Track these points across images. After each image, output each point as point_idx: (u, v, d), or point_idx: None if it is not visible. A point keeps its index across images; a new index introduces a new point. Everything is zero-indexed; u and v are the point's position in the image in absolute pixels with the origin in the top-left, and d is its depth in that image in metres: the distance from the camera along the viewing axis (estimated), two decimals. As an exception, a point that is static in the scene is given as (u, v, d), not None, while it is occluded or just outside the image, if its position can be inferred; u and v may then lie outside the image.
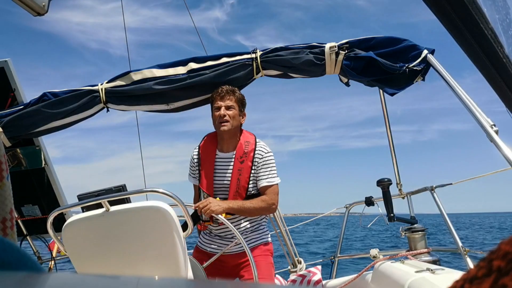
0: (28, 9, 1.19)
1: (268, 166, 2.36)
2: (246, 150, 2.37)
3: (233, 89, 2.41)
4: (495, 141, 1.85)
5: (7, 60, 2.97)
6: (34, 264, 0.31)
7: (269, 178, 2.35)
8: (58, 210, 1.98)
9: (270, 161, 2.37)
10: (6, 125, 2.63)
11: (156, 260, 1.91)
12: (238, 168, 2.35)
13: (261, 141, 2.44)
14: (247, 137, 2.42)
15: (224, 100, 2.36)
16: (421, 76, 2.31)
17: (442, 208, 2.95)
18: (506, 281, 0.19)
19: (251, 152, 2.36)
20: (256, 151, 2.37)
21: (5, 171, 0.51)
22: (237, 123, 2.36)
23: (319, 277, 2.96)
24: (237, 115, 2.36)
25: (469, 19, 0.75)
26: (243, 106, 2.42)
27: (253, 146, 2.37)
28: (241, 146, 2.38)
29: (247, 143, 2.39)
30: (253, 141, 2.40)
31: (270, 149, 2.42)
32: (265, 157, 2.35)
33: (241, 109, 2.39)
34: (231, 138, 2.39)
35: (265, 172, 2.35)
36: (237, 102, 2.37)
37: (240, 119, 2.40)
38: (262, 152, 2.36)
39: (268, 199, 2.32)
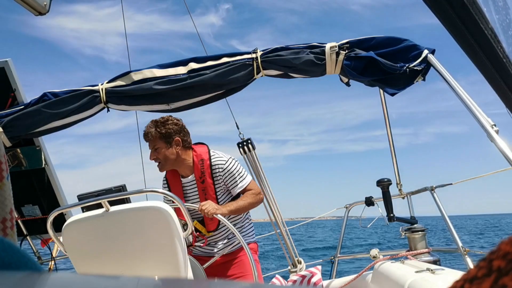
0: (29, 8, 1.19)
1: (233, 174, 2.38)
2: (202, 170, 2.38)
3: (149, 130, 2.39)
4: (495, 141, 1.85)
5: (8, 60, 2.97)
6: (34, 264, 0.31)
7: (240, 183, 2.39)
8: (58, 210, 1.99)
9: (233, 169, 2.39)
10: (6, 125, 2.63)
11: (156, 260, 1.91)
12: (202, 189, 2.39)
13: (216, 151, 2.44)
14: (199, 155, 2.42)
15: (149, 144, 2.40)
16: (422, 76, 2.31)
17: (442, 208, 2.95)
18: (506, 281, 0.19)
19: (208, 169, 2.38)
20: (213, 166, 2.37)
21: (5, 171, 0.51)
22: (171, 156, 2.37)
23: (319, 277, 2.95)
24: (166, 150, 2.36)
25: (469, 19, 0.75)
26: (169, 136, 2.38)
27: (208, 162, 2.38)
28: (197, 166, 2.40)
29: (202, 161, 2.39)
30: (207, 156, 2.40)
31: (227, 156, 2.43)
32: (226, 169, 2.37)
33: (167, 141, 2.37)
34: (178, 165, 2.41)
35: (234, 180, 2.38)
36: (159, 140, 2.36)
37: (173, 149, 2.38)
38: (220, 165, 2.38)
39: (254, 191, 2.40)
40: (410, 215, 3.30)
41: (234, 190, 2.40)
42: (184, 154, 2.42)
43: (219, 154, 2.44)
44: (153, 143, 2.38)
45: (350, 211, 3.77)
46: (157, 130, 2.37)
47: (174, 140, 2.38)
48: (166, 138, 2.37)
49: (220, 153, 2.46)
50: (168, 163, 2.39)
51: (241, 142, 2.93)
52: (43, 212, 3.34)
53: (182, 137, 2.42)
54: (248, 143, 2.92)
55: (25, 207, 3.35)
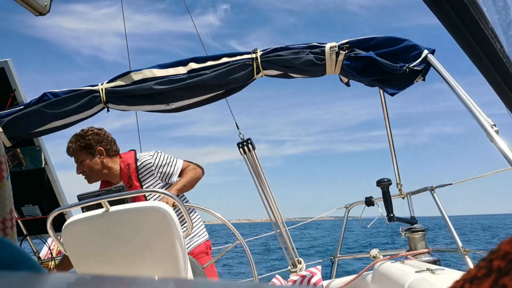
0: (30, 8, 1.19)
1: (164, 165, 2.39)
2: (129, 174, 2.40)
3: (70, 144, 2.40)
4: (495, 141, 1.85)
5: (7, 60, 2.97)
6: (34, 264, 0.31)
7: (174, 169, 2.40)
8: (58, 210, 1.98)
9: (161, 161, 2.40)
10: (6, 125, 2.62)
11: (156, 260, 1.91)
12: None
13: (142, 153, 2.46)
14: (125, 160, 2.44)
15: (74, 158, 2.40)
16: (422, 76, 2.31)
17: (442, 208, 2.95)
18: (506, 281, 0.19)
19: (134, 173, 2.39)
20: (139, 167, 2.38)
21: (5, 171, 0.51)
22: (97, 167, 2.38)
23: (319, 277, 2.95)
24: (89, 162, 2.38)
25: (469, 19, 0.75)
26: (90, 147, 2.39)
27: (134, 166, 2.39)
28: (124, 172, 2.41)
29: (128, 166, 2.41)
30: (133, 160, 2.41)
31: (152, 152, 2.45)
32: (155, 164, 2.38)
33: (89, 152, 2.38)
34: (109, 175, 2.43)
35: (168, 171, 2.40)
36: (80, 152, 2.37)
37: (97, 160, 2.39)
38: (146, 162, 2.39)
39: (191, 167, 2.43)
40: (410, 215, 3.30)
41: (172, 179, 2.41)
42: (110, 162, 2.43)
43: (144, 153, 2.46)
44: (76, 156, 2.40)
45: (350, 211, 3.77)
46: (77, 143, 2.38)
47: (97, 150, 2.40)
48: (87, 149, 2.39)
49: (146, 152, 2.48)
50: (94, 174, 2.41)
51: (241, 142, 2.93)
52: (43, 212, 3.34)
53: (104, 146, 2.42)
54: (248, 143, 2.92)
55: (25, 207, 3.35)
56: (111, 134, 2.53)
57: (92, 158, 2.38)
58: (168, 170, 2.40)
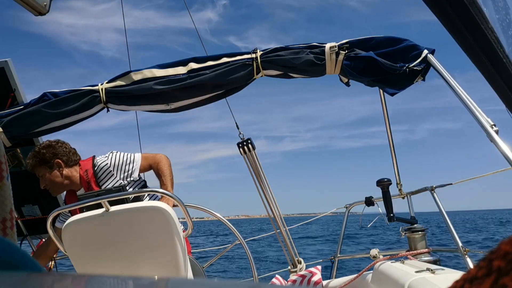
0: (29, 8, 1.19)
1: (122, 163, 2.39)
2: (87, 180, 2.41)
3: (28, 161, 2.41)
4: (495, 141, 1.85)
5: (7, 60, 2.97)
6: (34, 264, 0.31)
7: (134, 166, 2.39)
8: (58, 210, 1.99)
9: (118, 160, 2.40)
10: (6, 125, 2.62)
11: (156, 260, 1.91)
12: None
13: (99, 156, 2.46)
14: (83, 167, 2.45)
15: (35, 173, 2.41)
16: (421, 76, 2.31)
17: (442, 208, 2.95)
18: (506, 281, 0.19)
19: (92, 178, 2.40)
20: (97, 171, 2.39)
21: (5, 171, 0.51)
22: (57, 179, 2.40)
23: (319, 277, 2.95)
24: (51, 175, 2.39)
25: (469, 19, 0.75)
26: (48, 161, 2.40)
27: (92, 171, 2.40)
28: (83, 178, 2.43)
29: (86, 172, 2.42)
30: (90, 165, 2.43)
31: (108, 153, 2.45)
32: (112, 164, 2.38)
33: (48, 166, 2.39)
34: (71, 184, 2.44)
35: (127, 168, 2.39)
36: (40, 167, 2.38)
37: (56, 172, 2.40)
38: (102, 164, 2.39)
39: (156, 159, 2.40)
40: (410, 215, 3.30)
41: (134, 175, 2.40)
42: (70, 172, 2.45)
43: (100, 157, 2.46)
44: (36, 171, 2.42)
45: (350, 210, 3.77)
46: (34, 159, 2.40)
47: (55, 163, 2.41)
48: (45, 164, 2.40)
49: (102, 155, 2.48)
50: (57, 186, 2.43)
51: (241, 142, 2.93)
52: (43, 212, 3.33)
53: (61, 158, 2.43)
54: (248, 143, 2.92)
55: (25, 207, 3.35)
56: (69, 144, 2.53)
57: (51, 172, 2.40)
58: (126, 168, 2.39)
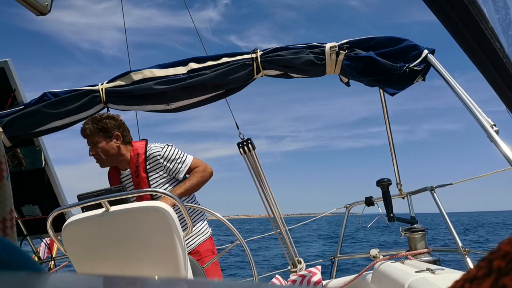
0: (31, 8, 1.19)
1: (173, 156, 2.38)
2: (137, 164, 2.40)
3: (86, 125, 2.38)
4: (495, 141, 1.85)
5: (7, 60, 2.97)
6: (34, 264, 0.31)
7: (182, 164, 2.39)
8: (58, 210, 1.98)
9: (170, 153, 2.39)
10: (6, 125, 2.62)
11: (155, 260, 1.91)
12: (136, 183, 2.42)
13: (153, 144, 2.45)
14: (136, 149, 2.43)
15: (88, 140, 2.38)
16: (422, 76, 2.31)
17: (442, 208, 2.95)
18: (506, 281, 0.19)
19: (142, 163, 2.38)
20: (148, 158, 2.38)
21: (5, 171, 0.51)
22: (112, 151, 2.38)
23: (319, 277, 2.95)
24: (106, 144, 2.37)
25: (469, 19, 0.75)
26: (108, 131, 2.38)
27: (143, 156, 2.39)
28: (133, 160, 2.41)
29: (137, 156, 2.41)
30: (143, 150, 2.41)
31: (163, 144, 2.44)
32: (164, 156, 2.38)
33: (106, 135, 2.38)
34: (116, 160, 2.43)
35: (175, 165, 2.38)
36: (99, 133, 2.36)
37: (113, 143, 2.39)
38: (155, 154, 2.38)
39: (200, 168, 2.39)
40: (410, 215, 3.30)
41: (179, 175, 2.40)
42: (124, 149, 2.44)
43: (155, 145, 2.44)
44: (92, 138, 2.38)
45: (350, 210, 3.77)
46: (94, 125, 2.37)
47: (114, 135, 2.40)
48: (105, 132, 2.39)
49: (157, 144, 2.46)
50: (109, 158, 2.40)
51: (241, 142, 2.93)
52: (43, 212, 3.33)
53: (121, 132, 2.43)
54: (248, 143, 2.92)
55: (25, 207, 3.35)
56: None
57: (108, 142, 2.38)
58: (175, 166, 2.39)
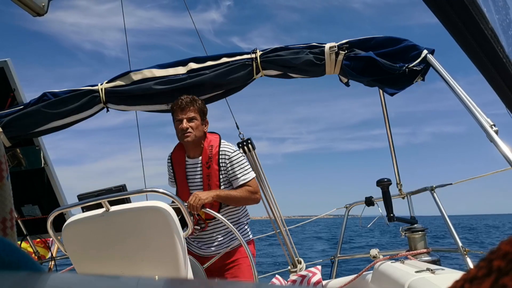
0: (27, 9, 1.19)
1: (238, 164, 2.38)
2: (210, 155, 2.39)
3: (192, 99, 2.37)
4: (495, 141, 1.85)
5: (7, 60, 2.97)
6: (34, 264, 0.31)
7: (243, 175, 2.38)
8: (58, 210, 1.98)
9: (239, 159, 2.39)
10: (6, 125, 2.62)
11: (156, 260, 1.91)
12: (206, 174, 2.39)
13: (226, 141, 2.45)
14: (210, 141, 2.43)
15: (185, 112, 2.35)
16: (421, 76, 2.31)
17: (442, 208, 2.95)
18: (506, 281, 0.19)
19: (215, 156, 2.38)
20: (221, 153, 2.38)
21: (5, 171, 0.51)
22: (200, 133, 2.38)
23: (319, 277, 2.95)
24: (199, 125, 2.37)
25: (469, 19, 0.75)
26: (204, 114, 2.41)
27: (217, 149, 2.39)
28: (206, 151, 2.40)
29: (211, 147, 2.40)
30: (217, 143, 2.41)
31: (236, 148, 2.44)
32: (232, 157, 2.37)
33: (203, 118, 2.39)
34: (196, 146, 2.42)
35: (238, 171, 2.38)
36: (198, 112, 2.37)
37: (203, 127, 2.40)
38: (227, 153, 2.38)
39: (252, 189, 2.37)
40: (410, 215, 3.30)
41: (234, 182, 2.38)
42: (204, 136, 2.43)
43: (229, 144, 2.45)
44: (192, 113, 2.36)
45: (350, 211, 3.77)
46: (198, 104, 2.38)
47: (206, 120, 2.43)
48: (203, 115, 2.41)
49: (230, 144, 2.46)
50: (198, 135, 2.38)
51: (241, 142, 2.93)
52: (43, 212, 3.33)
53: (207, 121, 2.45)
54: (248, 143, 2.92)
55: (25, 207, 3.35)
56: None
57: (201, 123, 2.39)
58: (236, 173, 2.37)
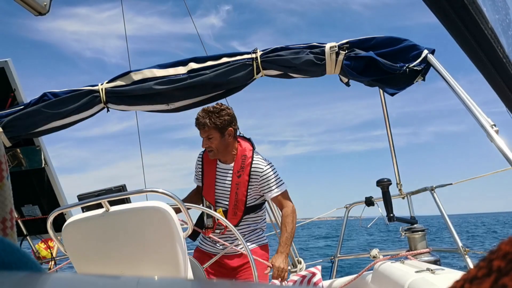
0: (29, 8, 1.19)
1: (270, 178, 2.39)
2: (243, 165, 2.40)
3: (205, 119, 2.35)
4: (495, 141, 1.86)
5: (7, 60, 2.97)
6: (34, 264, 0.31)
7: (276, 187, 2.39)
8: (58, 210, 1.98)
9: (271, 173, 2.39)
10: (6, 125, 2.62)
11: (156, 260, 1.91)
12: (236, 182, 2.40)
13: (258, 154, 2.45)
14: (243, 150, 2.44)
15: (202, 132, 2.38)
16: (422, 76, 2.31)
17: (442, 208, 2.95)
18: (506, 281, 0.19)
19: (247, 167, 2.39)
20: (253, 167, 2.39)
21: (5, 171, 0.51)
22: (223, 145, 2.38)
23: (319, 277, 2.95)
24: (219, 140, 2.36)
25: (469, 19, 0.75)
26: (223, 128, 2.36)
27: (250, 160, 2.40)
28: (239, 159, 2.41)
29: (244, 157, 2.41)
30: (250, 154, 2.42)
31: (267, 161, 2.44)
32: (264, 173, 2.38)
33: (222, 131, 2.37)
34: (226, 154, 2.43)
35: (269, 186, 2.39)
36: (215, 129, 2.35)
37: (226, 138, 2.38)
38: (259, 168, 2.39)
39: (288, 210, 2.40)
40: (410, 215, 3.30)
41: (270, 194, 2.39)
42: (233, 144, 2.43)
43: (261, 157, 2.44)
44: (207, 133, 2.36)
45: (350, 211, 3.77)
46: (212, 120, 2.35)
47: (228, 131, 2.38)
48: (220, 129, 2.37)
49: (262, 157, 2.45)
50: (220, 152, 2.40)
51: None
52: (43, 212, 3.33)
53: (233, 127, 2.41)
54: (248, 143, 2.91)
55: (25, 207, 3.35)
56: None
57: (222, 137, 2.37)
58: (269, 186, 2.38)
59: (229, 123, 2.38)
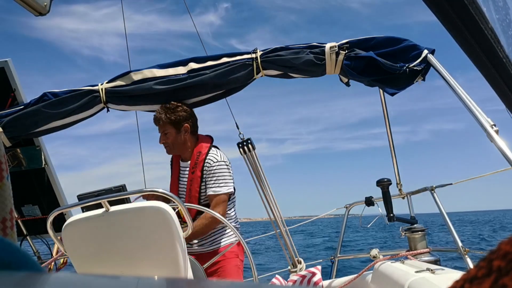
0: (29, 9, 1.19)
1: (215, 175, 2.37)
2: (197, 161, 2.42)
3: (161, 115, 2.42)
4: (495, 141, 1.86)
5: (8, 60, 2.97)
6: (34, 264, 0.31)
7: (215, 187, 2.37)
8: (58, 210, 1.98)
9: (218, 170, 2.38)
10: (6, 125, 2.62)
11: (155, 260, 1.91)
12: (190, 179, 2.43)
13: (216, 149, 2.46)
14: (200, 146, 2.46)
15: (159, 128, 2.44)
16: (422, 76, 2.31)
17: (442, 208, 2.95)
18: (506, 281, 0.19)
19: (201, 163, 2.40)
20: (206, 161, 2.40)
21: (5, 171, 0.51)
22: (179, 141, 2.43)
23: (319, 277, 2.95)
24: (174, 135, 2.42)
25: (469, 19, 0.75)
26: (178, 123, 2.41)
27: (204, 157, 2.41)
28: (194, 156, 2.44)
29: (199, 154, 2.43)
30: (205, 150, 2.43)
31: (224, 158, 2.43)
32: (213, 166, 2.38)
33: (177, 127, 2.41)
34: (184, 150, 2.47)
35: (212, 181, 2.38)
36: (170, 125, 2.41)
37: (182, 135, 2.42)
38: (210, 161, 2.40)
39: (209, 215, 2.26)
40: (410, 215, 3.30)
41: (207, 191, 2.39)
42: (190, 141, 2.47)
43: (217, 153, 2.44)
44: (163, 128, 2.43)
45: (350, 211, 3.77)
46: (167, 116, 2.42)
47: (183, 127, 2.43)
48: (175, 124, 2.42)
49: (219, 153, 2.45)
50: (176, 147, 2.46)
51: (241, 142, 2.93)
52: (43, 212, 3.33)
53: (190, 124, 2.46)
54: (248, 143, 2.91)
55: (25, 207, 3.35)
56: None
57: (178, 133, 2.42)
58: (210, 182, 2.37)
59: (185, 119, 2.43)
